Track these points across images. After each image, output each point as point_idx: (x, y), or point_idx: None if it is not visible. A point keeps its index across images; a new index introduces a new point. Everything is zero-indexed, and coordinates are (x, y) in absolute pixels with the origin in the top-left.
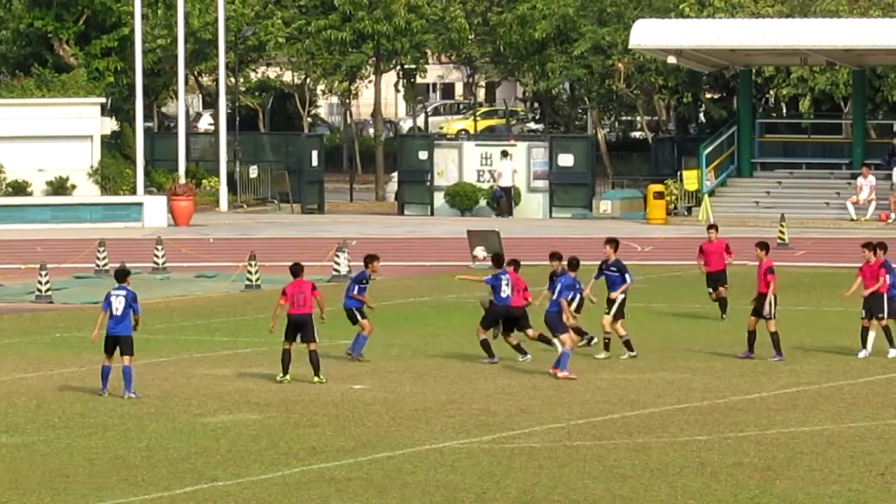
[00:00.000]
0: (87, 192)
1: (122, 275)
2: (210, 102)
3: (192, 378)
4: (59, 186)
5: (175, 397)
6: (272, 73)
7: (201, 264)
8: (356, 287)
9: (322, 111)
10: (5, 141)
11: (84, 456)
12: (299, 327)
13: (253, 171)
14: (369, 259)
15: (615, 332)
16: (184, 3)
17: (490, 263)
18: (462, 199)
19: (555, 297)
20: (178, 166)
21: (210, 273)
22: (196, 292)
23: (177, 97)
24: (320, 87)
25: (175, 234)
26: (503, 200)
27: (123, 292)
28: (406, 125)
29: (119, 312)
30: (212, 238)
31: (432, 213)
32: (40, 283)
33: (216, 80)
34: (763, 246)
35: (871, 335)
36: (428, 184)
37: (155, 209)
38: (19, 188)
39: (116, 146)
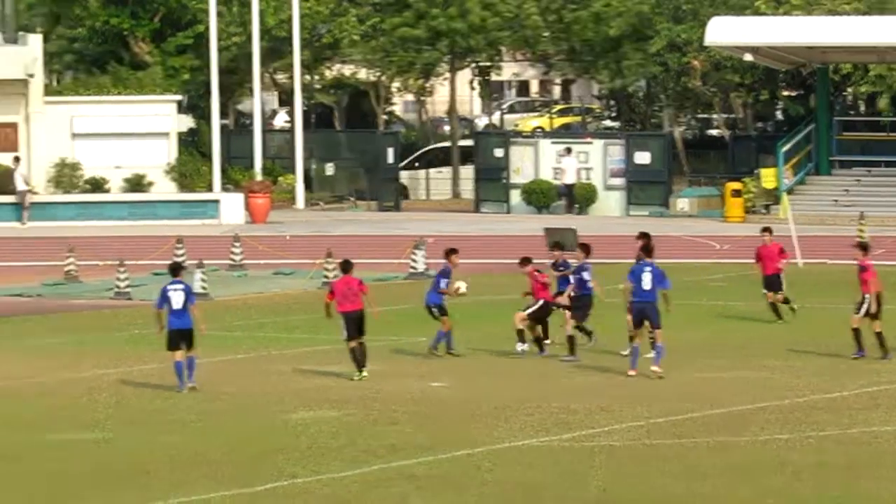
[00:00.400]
0: (164, 189)
1: (177, 269)
2: (286, 100)
3: (270, 375)
4: (137, 183)
5: (254, 394)
6: (347, 70)
7: (278, 261)
8: (443, 281)
9: (397, 108)
10: (83, 138)
11: (164, 452)
12: (358, 322)
13: (329, 169)
14: (449, 253)
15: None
16: (258, 1)
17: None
18: (538, 196)
19: (648, 286)
20: (254, 163)
21: (287, 270)
22: (274, 289)
23: (252, 95)
24: (395, 84)
25: (252, 232)
26: (567, 197)
27: (181, 286)
28: (481, 122)
29: (179, 306)
30: (289, 235)
31: (509, 211)
32: (119, 279)
33: (291, 78)
34: (862, 246)
35: None
36: (504, 181)
37: (232, 206)
38: (97, 185)
39: (193, 143)
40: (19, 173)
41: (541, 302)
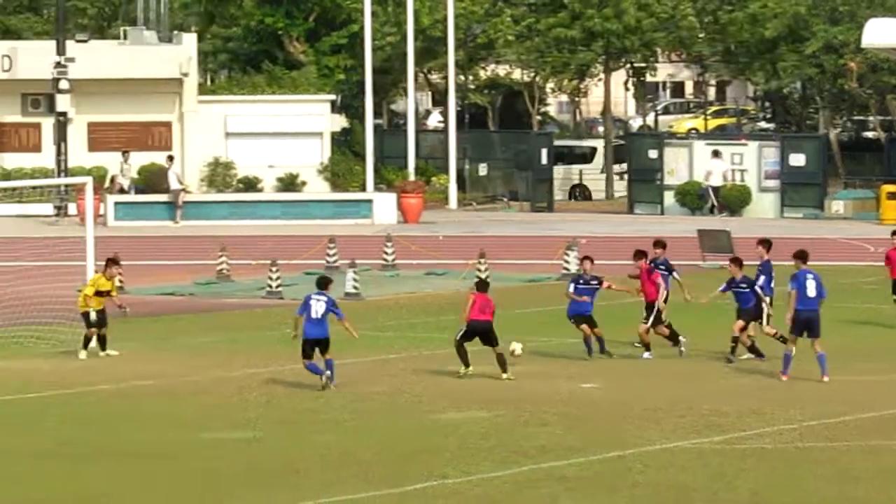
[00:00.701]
0: (317, 188)
1: (324, 283)
2: (439, 100)
3: (421, 375)
4: (290, 183)
5: (405, 394)
6: (501, 70)
7: (431, 262)
8: (575, 286)
9: (551, 109)
10: (237, 137)
11: (315, 451)
12: (479, 333)
13: (482, 169)
14: (583, 260)
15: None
16: (413, 1)
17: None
18: (692, 198)
19: (813, 294)
20: (407, 163)
21: (439, 270)
22: (426, 289)
23: (406, 94)
24: (549, 85)
25: (405, 232)
26: (711, 199)
27: (324, 298)
28: (636, 123)
29: (318, 316)
30: (441, 235)
31: (662, 213)
32: (271, 279)
33: (445, 78)
34: None
35: None
36: (658, 182)
37: (385, 206)
38: (250, 184)
39: (346, 143)
40: (173, 172)
41: (655, 309)
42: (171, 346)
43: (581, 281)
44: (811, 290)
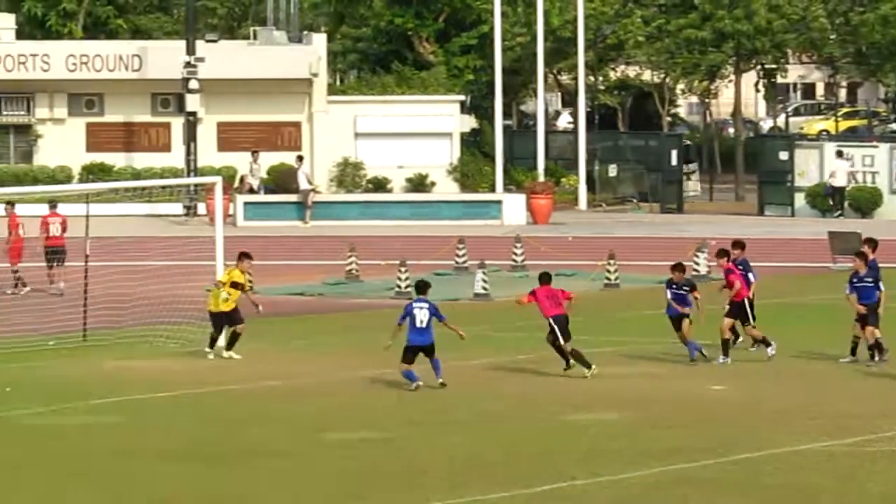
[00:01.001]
0: (446, 189)
1: (423, 287)
2: (569, 101)
3: (550, 376)
4: (419, 183)
5: (534, 395)
6: (631, 71)
7: (560, 262)
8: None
9: (681, 110)
10: (366, 138)
11: (443, 452)
12: (564, 325)
13: (612, 170)
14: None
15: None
16: (543, 1)
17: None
18: (822, 200)
19: None
20: (536, 164)
21: (569, 271)
22: None
23: (536, 95)
24: (679, 86)
25: (534, 232)
26: (834, 198)
27: (426, 304)
28: (766, 125)
29: (423, 325)
30: (570, 236)
31: (793, 214)
32: (400, 279)
33: (575, 79)
34: None
35: None
36: (788, 184)
37: (514, 207)
38: (379, 185)
39: (475, 144)
40: (303, 172)
41: (749, 306)
42: (299, 347)
43: (674, 286)
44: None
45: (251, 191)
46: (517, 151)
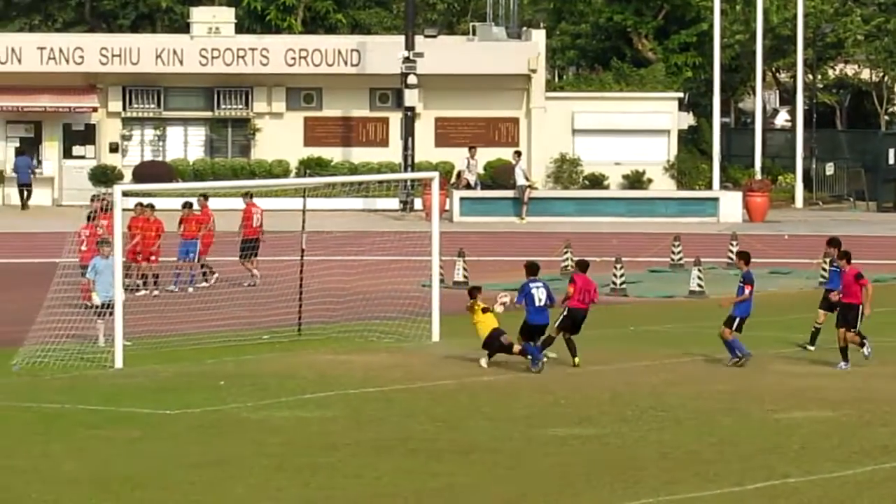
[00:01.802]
0: (662, 186)
1: (534, 268)
2: (787, 99)
3: (766, 374)
4: (635, 180)
5: (748, 393)
6: (850, 70)
7: (775, 260)
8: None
9: None
10: (583, 134)
11: (656, 449)
12: (581, 323)
13: (829, 169)
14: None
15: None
16: (763, 0)
17: None
18: None
19: None
20: (753, 162)
21: (784, 269)
22: (770, 288)
23: (754, 93)
24: None
25: (749, 230)
26: None
27: (541, 284)
28: None
29: (542, 303)
30: (787, 235)
31: None
32: (615, 275)
33: (793, 77)
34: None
35: None
36: None
37: (730, 205)
38: (596, 181)
39: (692, 141)
40: (520, 168)
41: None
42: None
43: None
44: None
45: (468, 186)
46: (734, 149)
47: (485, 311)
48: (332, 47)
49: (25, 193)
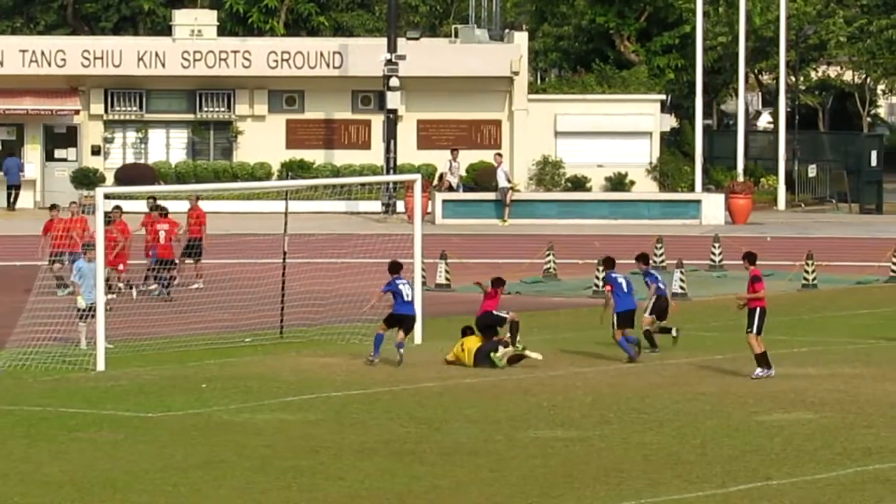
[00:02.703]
0: (645, 188)
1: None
2: (769, 101)
3: (747, 376)
4: (618, 182)
5: (730, 395)
6: (832, 72)
7: (758, 263)
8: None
9: (882, 111)
10: (566, 136)
11: (639, 451)
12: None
13: (811, 171)
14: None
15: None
16: (745, 1)
17: None
18: None
19: None
20: (736, 164)
21: (767, 271)
22: None
23: (736, 95)
24: (881, 86)
25: (732, 232)
26: None
27: (404, 281)
28: None
29: (409, 299)
30: (769, 237)
31: None
32: (598, 278)
33: (776, 79)
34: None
35: None
36: None
37: (713, 207)
38: (578, 183)
39: (675, 143)
40: (502, 170)
41: None
42: None
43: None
44: None
45: (450, 188)
46: (717, 151)
47: (465, 332)
48: (314, 50)
49: (13, 195)
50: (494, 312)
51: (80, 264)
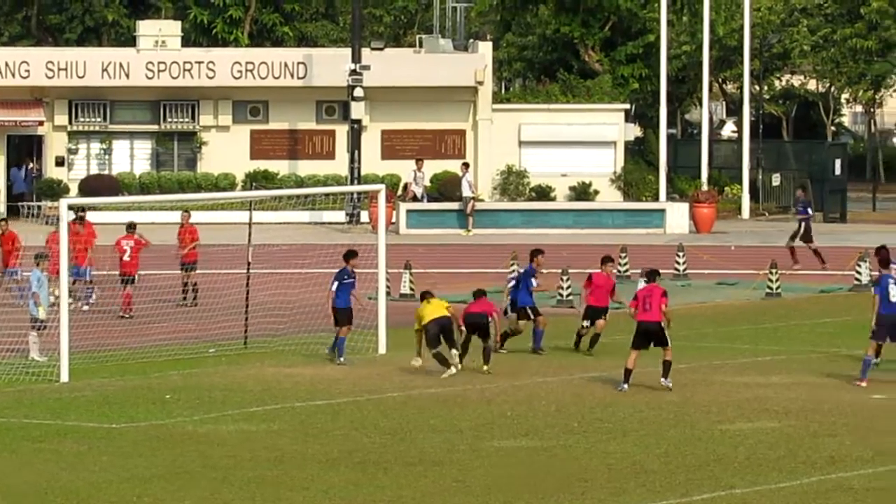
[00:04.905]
0: (609, 197)
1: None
2: (733, 109)
3: (711, 385)
4: (582, 192)
5: (694, 404)
6: (796, 80)
7: (722, 271)
8: (534, 281)
9: (846, 120)
10: (530, 146)
11: (602, 461)
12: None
13: (775, 179)
14: (534, 253)
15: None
16: (709, 11)
17: None
18: None
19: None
20: (700, 173)
21: (731, 280)
22: (717, 299)
23: (701, 104)
24: (844, 95)
25: (696, 241)
26: None
27: (349, 278)
28: None
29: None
30: (733, 245)
31: None
32: (562, 287)
33: (740, 88)
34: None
35: None
36: None
37: (677, 216)
38: (543, 193)
39: (639, 152)
40: (466, 180)
41: None
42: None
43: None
44: (893, 296)
45: (414, 198)
46: (681, 160)
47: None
48: (278, 60)
49: None
50: (493, 316)
51: (37, 274)
